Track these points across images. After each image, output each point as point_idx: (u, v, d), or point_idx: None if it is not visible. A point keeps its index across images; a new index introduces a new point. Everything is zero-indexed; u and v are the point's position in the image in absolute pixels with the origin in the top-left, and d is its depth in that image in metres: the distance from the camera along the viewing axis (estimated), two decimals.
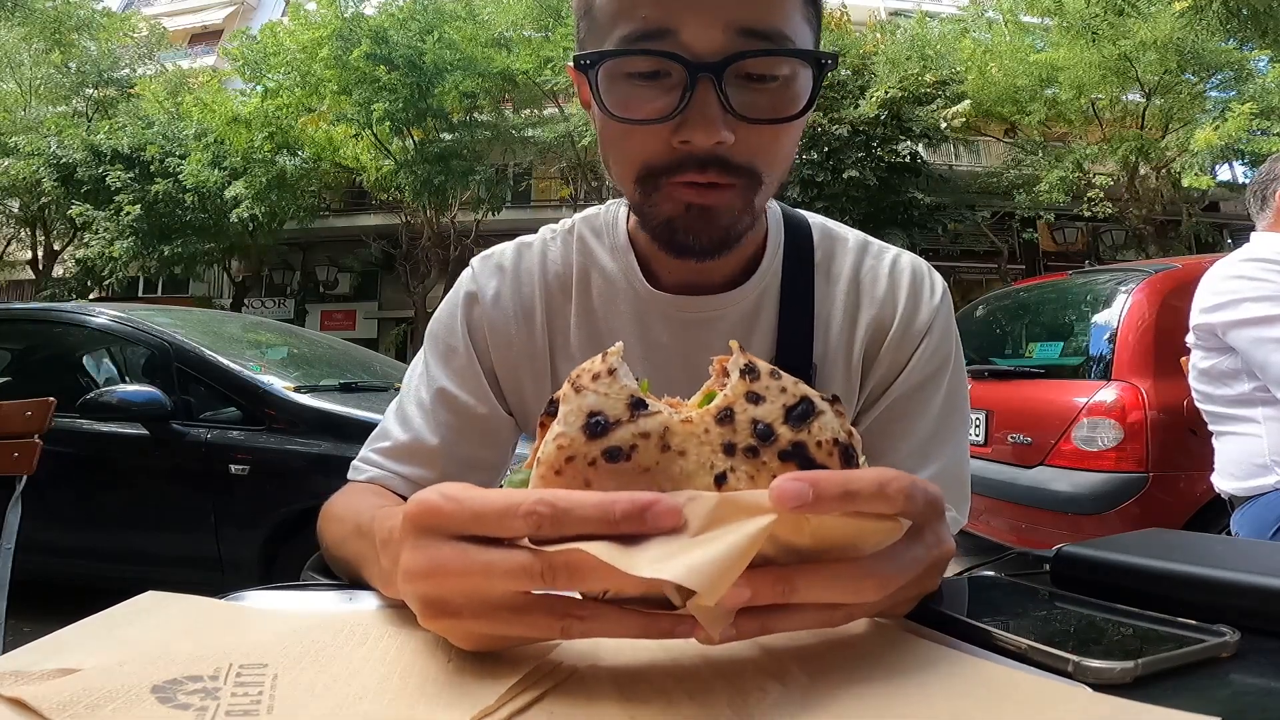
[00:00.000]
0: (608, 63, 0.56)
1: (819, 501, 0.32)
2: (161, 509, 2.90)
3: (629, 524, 0.32)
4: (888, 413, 0.70)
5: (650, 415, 0.35)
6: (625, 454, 0.34)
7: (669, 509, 0.32)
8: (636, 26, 0.55)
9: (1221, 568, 0.46)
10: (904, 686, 0.35)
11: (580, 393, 0.35)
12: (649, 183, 0.59)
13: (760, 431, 0.35)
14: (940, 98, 11.21)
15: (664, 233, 0.61)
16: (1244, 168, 11.55)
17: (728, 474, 0.35)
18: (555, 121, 12.85)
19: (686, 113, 0.55)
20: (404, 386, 0.76)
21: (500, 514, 0.33)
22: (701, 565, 0.30)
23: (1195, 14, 9.60)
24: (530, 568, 0.32)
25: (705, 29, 0.54)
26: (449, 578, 0.34)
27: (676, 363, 0.71)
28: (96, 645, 0.40)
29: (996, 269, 13.41)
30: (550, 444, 0.35)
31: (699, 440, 0.35)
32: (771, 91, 0.57)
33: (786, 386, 0.36)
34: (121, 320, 3.20)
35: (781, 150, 0.60)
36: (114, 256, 12.37)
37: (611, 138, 0.60)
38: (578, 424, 0.35)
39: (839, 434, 0.36)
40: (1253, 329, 1.51)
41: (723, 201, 0.58)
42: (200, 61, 16.34)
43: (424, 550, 0.35)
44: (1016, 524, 3.02)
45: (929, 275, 0.74)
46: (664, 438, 0.35)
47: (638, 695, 0.34)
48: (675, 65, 0.55)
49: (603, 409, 0.35)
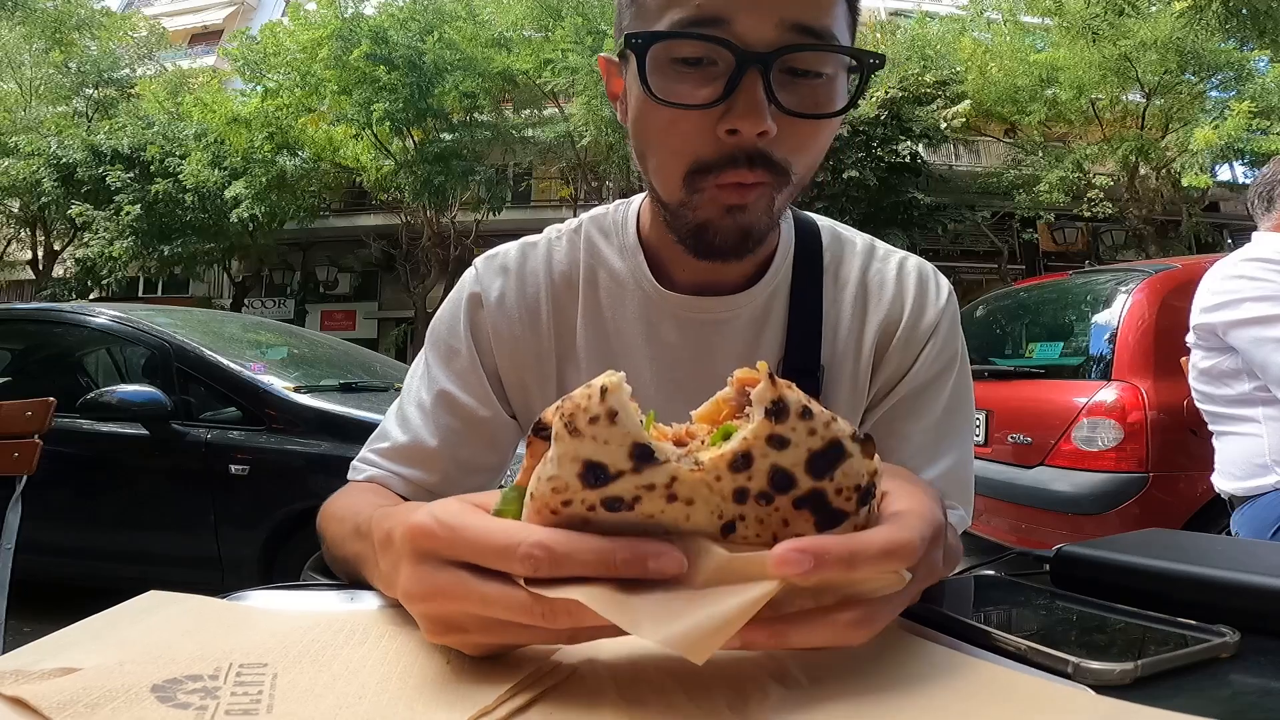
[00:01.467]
0: (656, 46, 0.56)
1: (821, 569, 0.31)
2: (161, 509, 2.90)
3: (630, 571, 0.32)
4: (893, 411, 0.71)
5: (656, 466, 0.32)
6: (628, 504, 0.32)
7: (672, 561, 0.31)
8: (690, 13, 0.55)
9: (1221, 568, 0.46)
10: (904, 687, 0.35)
11: (575, 436, 0.32)
12: (695, 181, 0.59)
13: (778, 480, 0.32)
14: (940, 98, 11.21)
15: (696, 234, 0.61)
16: (1244, 167, 11.56)
17: (736, 523, 0.33)
18: (555, 121, 12.83)
19: (734, 100, 0.55)
20: (405, 387, 0.75)
21: (497, 553, 0.33)
22: (693, 632, 0.30)
23: (1195, 14, 9.60)
24: (528, 608, 0.33)
25: (758, 21, 0.55)
26: (450, 602, 0.35)
27: (684, 363, 0.70)
28: (97, 645, 0.40)
29: (996, 269, 13.41)
30: (544, 483, 0.33)
31: (709, 489, 0.32)
32: (815, 87, 0.58)
33: (816, 429, 0.32)
34: (121, 320, 3.20)
35: (815, 149, 0.61)
36: (114, 256, 12.36)
37: (655, 127, 0.60)
38: (574, 471, 0.32)
39: (862, 479, 0.34)
40: (1253, 329, 1.51)
41: (757, 200, 0.59)
42: (200, 61, 16.32)
43: (422, 574, 0.35)
44: (1016, 524, 3.02)
45: (935, 277, 0.75)
46: (670, 488, 0.32)
47: (637, 695, 0.34)
48: (724, 53, 0.55)
49: (602, 459, 0.32)
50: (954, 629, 0.41)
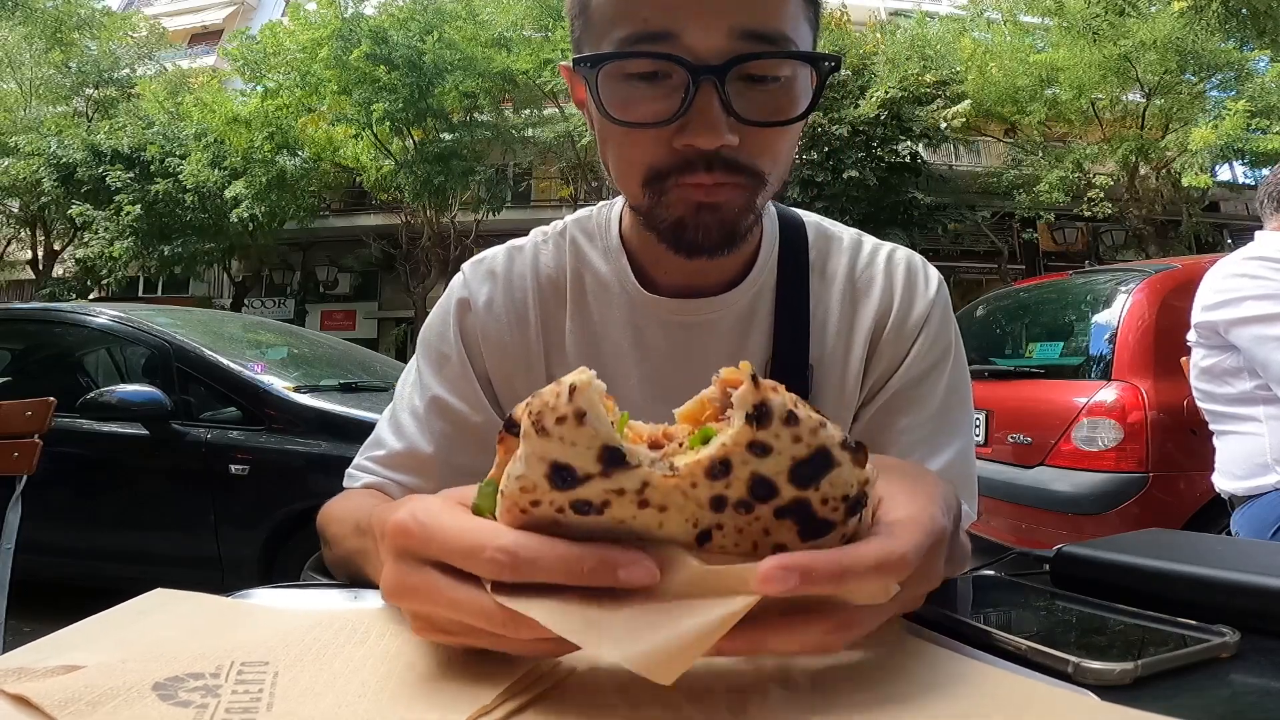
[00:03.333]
0: (607, 66, 0.56)
1: (807, 587, 0.30)
2: (161, 509, 2.90)
3: (598, 580, 0.31)
4: (888, 406, 0.70)
5: (626, 471, 0.30)
6: (597, 509, 0.31)
7: (643, 571, 0.30)
8: (637, 28, 0.55)
9: (1221, 568, 0.46)
10: (904, 689, 0.35)
11: (543, 436, 0.30)
12: (656, 185, 0.59)
13: (759, 490, 0.31)
14: (940, 98, 11.20)
15: (674, 232, 0.61)
16: (1244, 167, 11.56)
17: (713, 531, 0.31)
18: (555, 121, 12.84)
19: (689, 115, 0.54)
20: (397, 394, 0.75)
21: (464, 554, 0.33)
22: (657, 652, 0.28)
23: (1195, 14, 9.60)
24: (493, 616, 0.32)
25: (707, 32, 0.54)
26: (423, 602, 0.35)
27: (671, 366, 0.70)
28: (99, 643, 0.40)
29: (996, 269, 13.40)
30: (514, 482, 0.32)
31: (683, 495, 0.31)
32: (773, 92, 0.57)
33: (802, 435, 0.30)
34: (121, 320, 3.20)
35: (783, 150, 0.60)
36: (114, 256, 12.36)
37: (612, 140, 0.60)
38: (541, 472, 0.31)
39: (851, 489, 0.32)
40: (1254, 327, 1.51)
41: (730, 199, 0.58)
42: (200, 61, 16.33)
43: (401, 572, 0.35)
44: (1016, 524, 3.01)
45: (924, 269, 0.74)
46: (642, 493, 0.30)
47: (637, 696, 0.34)
48: (676, 67, 0.54)
49: (570, 461, 0.30)
50: (954, 629, 0.41)
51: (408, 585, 0.35)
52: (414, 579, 0.35)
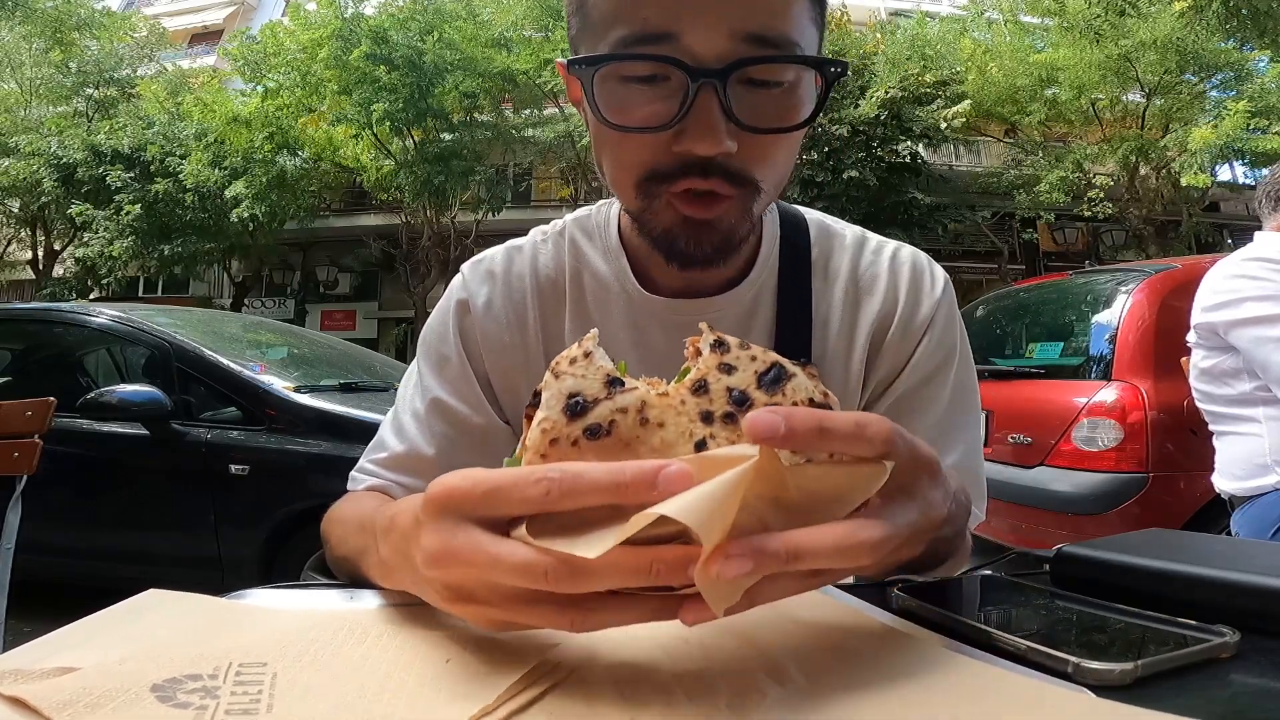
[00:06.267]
0: (604, 67, 0.55)
1: (792, 434, 0.32)
2: (161, 509, 2.90)
3: (641, 484, 0.32)
4: (894, 408, 0.69)
5: (626, 391, 0.36)
6: (605, 430, 0.35)
7: (679, 472, 0.31)
8: (636, 29, 0.53)
9: (1221, 568, 0.46)
10: (903, 689, 0.35)
11: (560, 378, 0.36)
12: (649, 190, 0.58)
13: (735, 398, 0.36)
14: (940, 98, 11.21)
15: (664, 241, 0.60)
16: (1243, 167, 11.56)
17: (707, 440, 0.35)
18: (555, 121, 12.84)
19: (687, 121, 0.53)
20: (399, 396, 0.75)
21: (514, 483, 0.33)
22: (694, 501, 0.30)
23: (1195, 14, 9.60)
24: (534, 567, 0.32)
25: (709, 34, 0.52)
26: (460, 565, 0.35)
27: (671, 367, 0.69)
28: (97, 644, 0.40)
29: (996, 269, 13.41)
30: (535, 429, 0.36)
31: (676, 411, 0.36)
32: (775, 97, 0.55)
33: (756, 355, 0.37)
34: (121, 320, 3.20)
35: (783, 157, 0.59)
36: (114, 256, 12.37)
37: (607, 142, 0.58)
38: (558, 406, 0.36)
39: (814, 394, 0.37)
40: (1254, 328, 1.51)
41: (721, 213, 0.57)
42: (200, 61, 16.34)
43: (439, 534, 0.35)
44: (1016, 524, 3.01)
45: (929, 268, 0.73)
46: (641, 411, 0.36)
47: (638, 695, 0.34)
48: (676, 70, 0.52)
49: (580, 390, 0.36)
50: (954, 629, 0.41)
51: (450, 548, 0.35)
52: (458, 540, 0.34)
